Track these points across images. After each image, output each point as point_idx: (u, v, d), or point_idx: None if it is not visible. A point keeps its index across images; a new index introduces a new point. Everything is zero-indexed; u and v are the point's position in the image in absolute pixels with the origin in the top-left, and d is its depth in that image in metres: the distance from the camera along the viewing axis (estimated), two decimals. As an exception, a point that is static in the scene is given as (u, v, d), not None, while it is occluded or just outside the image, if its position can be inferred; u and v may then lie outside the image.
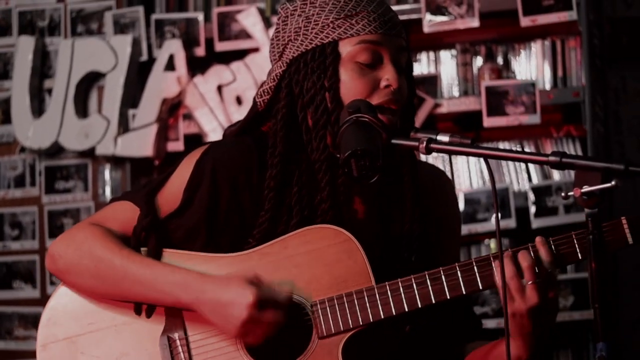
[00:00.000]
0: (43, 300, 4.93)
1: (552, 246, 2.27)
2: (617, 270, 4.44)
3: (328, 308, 2.32)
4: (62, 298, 2.47)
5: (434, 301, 2.30)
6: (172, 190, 2.46)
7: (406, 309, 2.30)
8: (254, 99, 2.51)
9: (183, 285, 2.33)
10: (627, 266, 4.47)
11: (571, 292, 4.43)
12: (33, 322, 4.94)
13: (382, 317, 2.30)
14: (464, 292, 2.30)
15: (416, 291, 2.30)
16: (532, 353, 2.34)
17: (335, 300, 2.32)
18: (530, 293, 2.23)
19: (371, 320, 2.30)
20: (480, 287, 2.31)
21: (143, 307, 2.41)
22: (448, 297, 2.29)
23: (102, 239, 2.41)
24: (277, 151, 2.40)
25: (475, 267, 2.30)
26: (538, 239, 2.27)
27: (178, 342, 2.37)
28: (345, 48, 2.38)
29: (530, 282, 2.23)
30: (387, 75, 2.36)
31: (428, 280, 2.30)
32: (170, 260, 2.40)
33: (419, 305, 2.30)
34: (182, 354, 2.36)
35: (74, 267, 2.42)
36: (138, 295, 2.38)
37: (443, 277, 2.30)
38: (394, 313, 2.30)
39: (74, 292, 2.45)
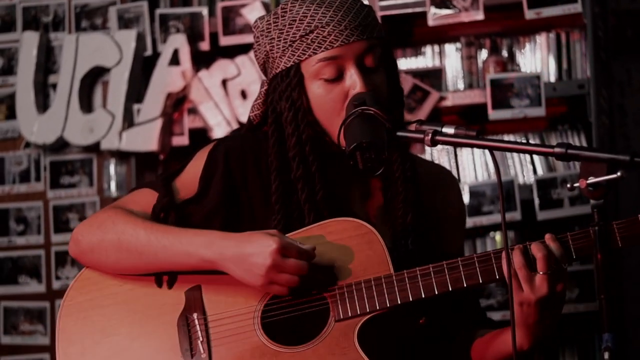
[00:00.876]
0: (48, 295, 4.94)
1: (569, 240, 2.29)
2: (621, 265, 4.44)
3: (346, 293, 2.35)
4: (84, 281, 2.51)
5: (450, 289, 2.33)
6: (188, 178, 2.51)
7: (423, 296, 2.33)
8: (249, 114, 2.59)
9: (206, 244, 2.35)
10: (632, 261, 4.47)
11: (576, 284, 4.42)
12: (39, 316, 4.95)
13: (399, 302, 2.33)
14: (481, 282, 2.33)
15: (434, 279, 2.33)
16: (535, 343, 2.39)
17: (354, 286, 2.35)
18: (540, 283, 2.26)
19: (388, 305, 2.33)
20: (497, 277, 2.33)
21: (164, 283, 2.45)
22: (465, 285, 2.32)
23: (125, 215, 2.46)
24: (273, 166, 2.46)
25: (492, 258, 2.33)
26: (548, 236, 2.29)
27: (196, 322, 2.40)
28: (307, 68, 2.42)
29: (542, 273, 2.24)
30: (353, 84, 2.39)
31: (446, 270, 2.33)
32: None
33: (436, 292, 2.33)
34: (199, 332, 2.39)
35: (98, 245, 2.45)
36: (163, 261, 2.41)
37: (460, 266, 2.33)
38: (411, 299, 2.33)
39: (97, 274, 2.50)
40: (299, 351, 2.34)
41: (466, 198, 4.58)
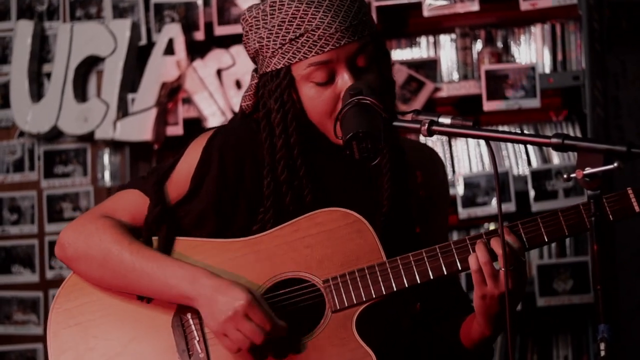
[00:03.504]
0: (42, 284, 4.94)
1: (521, 232, 2.31)
2: (615, 257, 4.44)
3: (340, 283, 2.35)
4: (72, 285, 2.49)
5: (445, 273, 2.33)
6: (180, 177, 2.48)
7: (418, 281, 2.33)
8: (240, 104, 2.55)
9: (189, 279, 2.36)
10: (626, 254, 4.47)
11: (570, 276, 4.43)
12: (32, 306, 4.94)
13: (395, 289, 2.33)
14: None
15: (428, 264, 2.33)
16: (497, 330, 2.39)
17: (348, 276, 2.35)
18: (504, 279, 2.26)
19: (384, 293, 2.33)
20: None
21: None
22: (460, 269, 2.32)
23: (112, 232, 2.43)
24: (265, 162, 2.44)
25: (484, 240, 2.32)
26: (506, 228, 2.30)
27: (191, 321, 2.40)
28: (298, 71, 2.39)
29: (503, 269, 2.25)
30: (345, 86, 2.36)
31: (439, 254, 2.33)
32: (183, 249, 2.43)
33: (431, 277, 2.33)
34: (195, 332, 2.38)
35: (83, 257, 2.44)
36: (145, 287, 2.40)
37: (454, 250, 2.33)
38: (407, 285, 2.33)
39: (83, 280, 2.47)
40: (298, 343, 2.34)
41: (461, 189, 4.58)
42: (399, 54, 4.88)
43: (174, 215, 2.46)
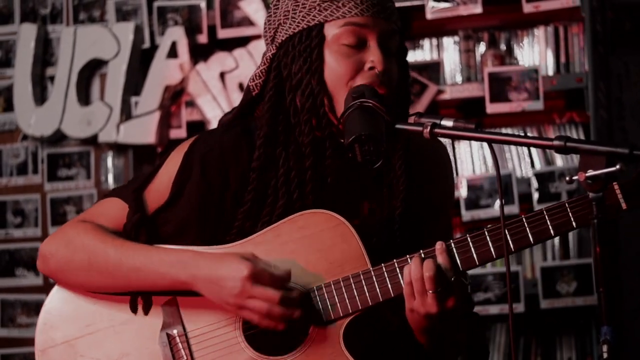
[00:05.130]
0: (46, 287, 4.94)
1: (454, 252, 2.26)
2: (618, 258, 4.44)
3: (326, 294, 2.31)
4: (57, 301, 2.46)
5: None
6: (161, 185, 2.44)
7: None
8: (247, 83, 2.50)
9: (178, 264, 2.31)
10: (629, 255, 4.47)
11: (574, 277, 4.43)
12: (36, 309, 4.94)
13: (381, 299, 2.29)
14: (461, 269, 2.27)
15: None
16: (430, 346, 2.35)
17: (333, 286, 2.31)
18: (431, 301, 2.23)
19: (370, 304, 2.30)
20: (477, 264, 2.28)
21: (139, 304, 2.39)
22: None
23: (94, 233, 2.40)
24: (262, 133, 2.39)
25: (471, 245, 2.27)
26: (438, 246, 2.25)
27: (178, 339, 2.36)
28: (331, 30, 2.36)
29: (430, 292, 2.22)
30: (372, 57, 2.34)
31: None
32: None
33: None
34: (182, 350, 2.35)
35: (67, 264, 2.40)
36: (135, 282, 2.36)
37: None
38: (392, 295, 2.29)
39: (69, 292, 2.44)
40: None
41: (464, 192, 4.58)
42: (402, 57, 4.88)
43: (153, 223, 2.42)
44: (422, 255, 2.26)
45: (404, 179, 2.43)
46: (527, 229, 2.27)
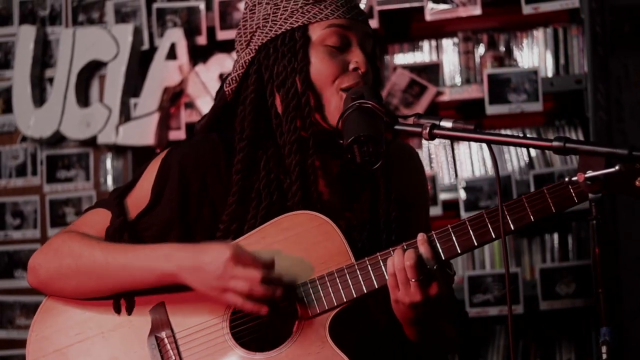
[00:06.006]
0: (45, 289, 4.93)
1: (436, 242, 2.29)
2: (617, 259, 4.44)
3: (311, 289, 2.33)
4: (47, 312, 2.47)
5: None
6: (141, 192, 2.49)
7: (388, 281, 2.30)
8: (222, 88, 2.54)
9: (165, 256, 2.35)
10: (629, 256, 4.47)
11: (573, 279, 4.42)
12: (34, 311, 4.90)
13: (365, 292, 2.32)
14: (443, 258, 2.30)
15: None
16: (420, 337, 2.38)
17: (318, 281, 2.34)
18: (414, 290, 2.25)
19: (355, 296, 2.32)
20: (459, 252, 2.30)
21: (122, 305, 2.42)
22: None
23: (79, 239, 2.44)
24: (244, 135, 2.44)
25: (452, 234, 2.30)
26: (420, 237, 2.29)
27: (166, 341, 2.38)
28: (315, 32, 2.43)
29: (413, 280, 2.24)
30: (356, 58, 2.42)
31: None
32: None
33: None
34: (171, 351, 2.37)
35: (56, 272, 2.43)
36: (123, 280, 2.39)
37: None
38: (377, 286, 2.32)
39: (59, 303, 2.46)
40: (274, 355, 2.32)
41: (463, 193, 4.58)
42: (401, 58, 4.88)
43: (135, 227, 2.46)
44: (405, 247, 2.28)
45: (384, 180, 2.48)
46: (508, 217, 2.27)
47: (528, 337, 4.68)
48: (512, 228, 2.27)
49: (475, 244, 2.29)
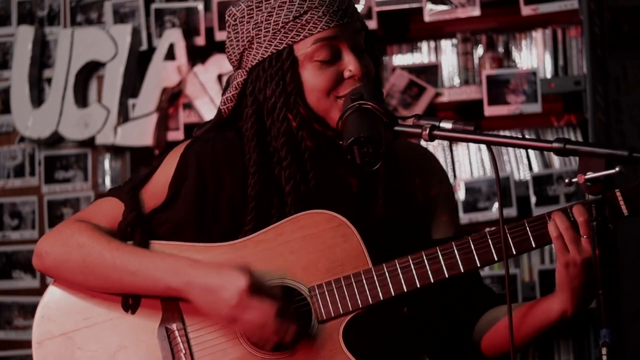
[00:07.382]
0: (43, 290, 4.87)
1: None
2: (617, 261, 4.44)
3: (327, 292, 2.31)
4: (55, 294, 2.45)
5: (432, 280, 2.30)
6: (157, 186, 2.45)
7: (405, 290, 2.30)
8: (218, 107, 2.51)
9: (173, 271, 2.32)
10: (628, 258, 4.47)
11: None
12: (32, 312, 4.87)
13: (382, 298, 2.30)
14: (462, 270, 2.30)
15: (414, 271, 2.30)
16: (578, 308, 2.31)
17: (334, 284, 2.31)
18: (586, 245, 2.21)
19: (370, 303, 2.30)
20: (479, 265, 2.31)
21: (129, 303, 2.40)
22: (447, 276, 2.29)
23: (90, 233, 2.40)
24: (252, 161, 2.40)
25: (472, 245, 2.31)
26: (576, 207, 2.25)
27: (177, 333, 2.36)
28: (301, 50, 2.36)
29: (585, 237, 2.21)
30: (350, 66, 2.35)
31: (425, 260, 2.30)
32: (161, 251, 2.39)
33: (418, 285, 2.30)
34: (181, 344, 2.35)
35: (63, 263, 2.40)
36: (129, 285, 2.37)
37: (440, 256, 2.30)
38: (393, 294, 2.30)
39: (67, 284, 2.44)
40: (285, 357, 2.31)
41: (462, 194, 4.58)
42: (400, 59, 4.88)
43: (149, 222, 2.42)
44: (567, 209, 2.25)
45: (386, 184, 2.44)
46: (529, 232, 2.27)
47: (526, 339, 4.67)
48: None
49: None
